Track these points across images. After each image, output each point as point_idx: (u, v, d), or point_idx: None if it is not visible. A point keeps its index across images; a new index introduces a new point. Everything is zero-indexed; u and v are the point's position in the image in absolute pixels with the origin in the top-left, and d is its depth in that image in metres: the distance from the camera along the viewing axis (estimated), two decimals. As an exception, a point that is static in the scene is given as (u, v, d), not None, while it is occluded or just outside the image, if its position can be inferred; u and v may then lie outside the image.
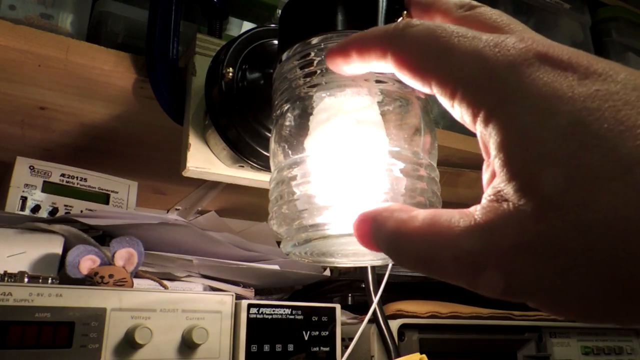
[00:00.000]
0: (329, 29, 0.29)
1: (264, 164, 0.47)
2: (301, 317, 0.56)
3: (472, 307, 0.69)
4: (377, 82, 0.29)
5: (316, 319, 0.57)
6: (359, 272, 0.70)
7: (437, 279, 0.19)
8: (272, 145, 0.31)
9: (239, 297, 0.54)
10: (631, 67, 0.17)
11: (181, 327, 0.49)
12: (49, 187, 0.68)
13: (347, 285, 0.75)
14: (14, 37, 0.48)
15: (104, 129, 0.67)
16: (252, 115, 0.46)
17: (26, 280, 0.46)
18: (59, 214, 0.67)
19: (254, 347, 0.52)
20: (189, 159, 0.49)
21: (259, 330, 0.53)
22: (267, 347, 0.53)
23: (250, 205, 0.94)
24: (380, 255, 0.31)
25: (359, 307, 0.70)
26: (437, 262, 0.18)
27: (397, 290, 0.73)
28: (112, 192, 0.73)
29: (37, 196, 0.67)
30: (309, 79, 0.29)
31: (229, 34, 0.63)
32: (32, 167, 0.67)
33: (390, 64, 0.22)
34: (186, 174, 0.50)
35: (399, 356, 0.54)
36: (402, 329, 0.59)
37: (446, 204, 0.23)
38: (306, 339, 0.56)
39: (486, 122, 0.18)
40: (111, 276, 0.52)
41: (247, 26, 0.67)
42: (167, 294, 0.50)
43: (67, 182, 0.70)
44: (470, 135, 0.75)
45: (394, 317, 0.61)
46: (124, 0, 0.62)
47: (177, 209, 0.97)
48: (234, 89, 0.46)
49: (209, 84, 0.48)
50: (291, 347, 0.54)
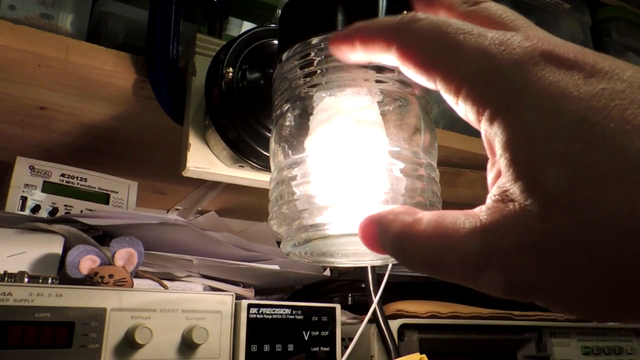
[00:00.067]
0: (329, 29, 0.29)
1: (264, 164, 0.47)
2: (301, 317, 0.56)
3: (472, 307, 0.69)
4: (377, 82, 0.29)
5: (316, 319, 0.57)
6: (359, 272, 0.70)
7: (442, 279, 0.19)
8: (272, 145, 0.31)
9: (239, 297, 0.54)
10: None
11: (181, 327, 0.49)
12: (49, 187, 0.68)
13: (347, 285, 0.75)
14: (14, 37, 0.48)
15: (104, 129, 0.67)
16: (252, 115, 0.46)
17: (26, 280, 0.46)
18: (59, 214, 0.67)
19: (254, 347, 0.52)
20: (189, 159, 0.49)
21: (259, 330, 0.53)
22: (267, 347, 0.53)
23: (250, 205, 0.94)
24: (380, 255, 0.31)
25: (359, 307, 0.70)
26: (443, 264, 0.18)
27: (397, 290, 0.73)
28: (112, 192, 0.73)
29: (37, 196, 0.67)
30: (309, 79, 0.29)
31: (229, 34, 0.63)
32: (32, 167, 0.67)
33: (394, 56, 0.22)
34: (186, 174, 0.50)
35: (399, 356, 0.54)
36: (402, 329, 0.59)
37: (446, 204, 0.23)
38: (306, 339, 0.56)
39: (491, 121, 0.18)
40: (111, 276, 0.52)
41: (247, 26, 0.67)
42: (167, 294, 0.50)
43: (67, 182, 0.70)
44: (470, 135, 0.75)
45: (394, 317, 0.61)
46: (124, 0, 0.62)
47: (177, 209, 0.97)
48: (234, 89, 0.46)
49: (209, 84, 0.48)
50: (291, 347, 0.54)
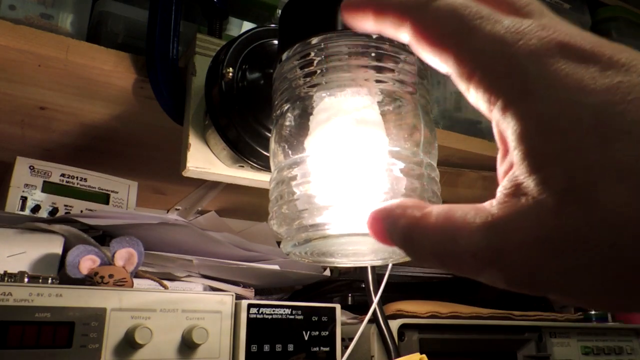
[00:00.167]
0: (329, 29, 0.29)
1: (264, 164, 0.47)
2: (301, 317, 0.56)
3: (472, 307, 0.69)
4: (377, 82, 0.29)
5: (316, 319, 0.57)
6: (359, 272, 0.70)
7: (451, 272, 0.19)
8: (272, 145, 0.31)
9: (239, 297, 0.54)
10: None
11: (181, 327, 0.49)
12: (49, 187, 0.68)
13: (347, 285, 0.75)
14: (14, 37, 0.48)
15: (104, 129, 0.67)
16: (252, 115, 0.46)
17: (26, 280, 0.46)
18: (59, 214, 0.67)
19: (254, 347, 0.52)
20: (189, 159, 0.49)
21: (259, 330, 0.53)
22: (267, 347, 0.53)
23: (250, 205, 0.94)
24: (380, 255, 0.31)
25: (359, 307, 0.70)
26: (453, 257, 0.18)
27: (397, 290, 0.73)
28: (112, 192, 0.73)
29: (37, 196, 0.67)
30: (309, 79, 0.29)
31: (229, 34, 0.63)
32: (32, 167, 0.67)
33: (406, 33, 0.21)
34: (186, 174, 0.50)
35: (399, 356, 0.54)
36: (402, 329, 0.59)
37: (446, 204, 0.23)
38: (306, 339, 0.56)
39: (504, 111, 0.18)
40: (111, 276, 0.52)
41: (247, 26, 0.67)
42: (167, 294, 0.50)
43: (67, 182, 0.70)
44: (470, 135, 0.75)
45: (394, 317, 0.61)
46: (124, 0, 0.62)
47: (177, 209, 0.97)
48: (234, 89, 0.46)
49: (209, 84, 0.48)
50: (291, 347, 0.54)
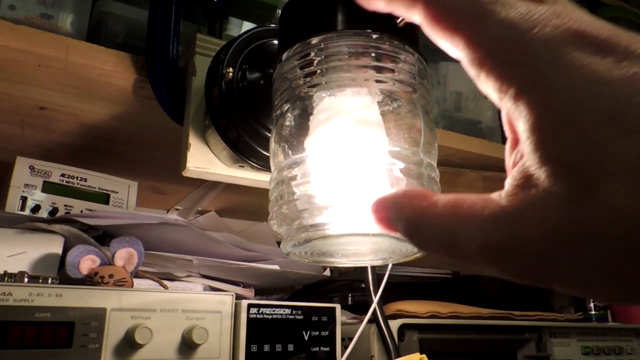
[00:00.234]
0: (329, 29, 0.29)
1: (264, 164, 0.47)
2: (301, 317, 0.56)
3: (472, 307, 0.69)
4: (377, 82, 0.29)
5: (316, 319, 0.57)
6: (359, 272, 0.70)
7: (457, 261, 0.18)
8: (272, 145, 0.31)
9: (239, 297, 0.54)
10: None
11: (181, 327, 0.49)
12: (49, 187, 0.68)
13: (347, 285, 0.75)
14: (14, 37, 0.48)
15: (104, 129, 0.67)
16: (252, 115, 0.46)
17: (26, 280, 0.46)
18: (59, 214, 0.67)
19: (254, 347, 0.52)
20: (189, 159, 0.49)
21: (259, 330, 0.53)
22: (267, 347, 0.53)
23: (250, 205, 0.94)
24: (380, 255, 0.31)
25: (359, 307, 0.70)
26: (461, 248, 0.18)
27: (397, 290, 0.73)
28: (112, 192, 0.73)
29: (37, 196, 0.67)
30: (309, 79, 0.29)
31: (229, 34, 0.63)
32: (32, 167, 0.67)
33: (417, 14, 0.21)
34: (186, 174, 0.50)
35: (399, 356, 0.54)
36: (402, 329, 0.59)
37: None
38: (306, 339, 0.56)
39: (516, 100, 0.17)
40: (111, 276, 0.52)
41: (247, 26, 0.67)
42: (167, 294, 0.50)
43: (67, 182, 0.70)
44: (470, 135, 0.75)
45: (394, 317, 0.61)
46: (124, 0, 0.62)
47: (177, 209, 0.97)
48: (234, 89, 0.46)
49: (209, 84, 0.48)
50: (291, 347, 0.54)
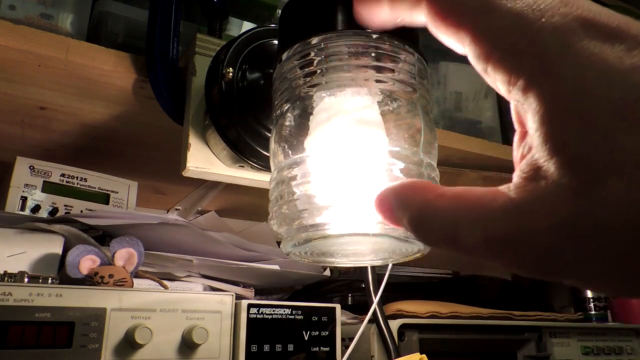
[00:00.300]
0: (329, 29, 0.29)
1: (264, 164, 0.47)
2: (301, 317, 0.56)
3: (472, 307, 0.69)
4: (377, 82, 0.29)
5: (316, 319, 0.57)
6: (359, 272, 0.70)
7: (463, 254, 0.18)
8: (272, 145, 0.31)
9: (239, 297, 0.54)
10: None
11: (181, 327, 0.49)
12: (49, 187, 0.68)
13: (347, 285, 0.75)
14: (14, 37, 0.48)
15: (104, 129, 0.67)
16: (252, 115, 0.46)
17: (26, 280, 0.46)
18: (59, 214, 0.67)
19: (254, 347, 0.52)
20: (189, 159, 0.49)
21: (259, 330, 0.53)
22: (267, 347, 0.53)
23: (250, 205, 0.94)
24: (380, 255, 0.31)
25: (359, 307, 0.70)
26: (466, 241, 0.18)
27: (397, 290, 0.73)
28: (112, 192, 0.73)
29: (37, 196, 0.67)
30: (309, 79, 0.29)
31: (229, 34, 0.63)
32: (32, 167, 0.67)
33: (422, 13, 0.21)
34: (186, 174, 0.50)
35: (399, 356, 0.54)
36: (402, 329, 0.59)
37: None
38: (306, 339, 0.56)
39: (525, 91, 0.17)
40: (111, 276, 0.52)
41: (247, 26, 0.67)
42: (167, 294, 0.50)
43: (67, 182, 0.70)
44: (470, 135, 0.75)
45: (394, 317, 0.61)
46: (124, 0, 0.62)
47: (177, 209, 0.97)
48: (234, 89, 0.46)
49: (209, 84, 0.48)
50: (291, 347, 0.54)
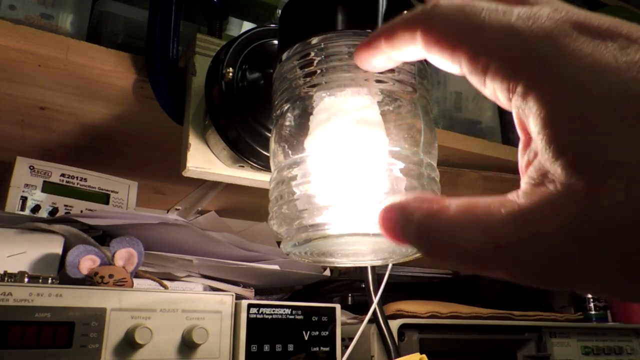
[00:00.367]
0: (329, 29, 0.29)
1: (264, 164, 0.47)
2: (301, 317, 0.56)
3: (472, 307, 0.69)
4: (377, 82, 0.29)
5: (316, 319, 0.57)
6: (359, 272, 0.70)
7: (471, 271, 0.17)
8: (272, 145, 0.31)
9: (239, 297, 0.54)
10: None
11: (181, 327, 0.49)
12: (49, 187, 0.68)
13: (347, 285, 0.75)
14: (14, 37, 0.48)
15: (104, 129, 0.67)
16: (252, 115, 0.46)
17: (26, 280, 0.46)
18: (59, 214, 0.67)
19: (254, 347, 0.52)
20: (189, 159, 0.49)
21: (259, 330, 0.53)
22: (267, 347, 0.53)
23: (250, 205, 0.94)
24: (380, 255, 0.31)
25: (359, 307, 0.70)
26: (477, 253, 0.17)
27: (397, 290, 0.73)
28: (112, 192, 0.73)
29: (37, 196, 0.67)
30: (309, 79, 0.29)
31: (229, 34, 0.63)
32: (32, 167, 0.67)
33: (419, 44, 0.21)
34: (186, 174, 0.50)
35: (399, 356, 0.54)
36: (402, 329, 0.59)
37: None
38: (306, 339, 0.56)
39: (525, 96, 0.17)
40: (111, 276, 0.52)
41: (247, 26, 0.67)
42: (167, 294, 0.50)
43: (67, 182, 0.70)
44: (470, 135, 0.75)
45: (394, 317, 0.61)
46: (124, 0, 0.62)
47: (177, 209, 0.97)
48: (234, 89, 0.46)
49: (209, 84, 0.48)
50: (291, 347, 0.54)
